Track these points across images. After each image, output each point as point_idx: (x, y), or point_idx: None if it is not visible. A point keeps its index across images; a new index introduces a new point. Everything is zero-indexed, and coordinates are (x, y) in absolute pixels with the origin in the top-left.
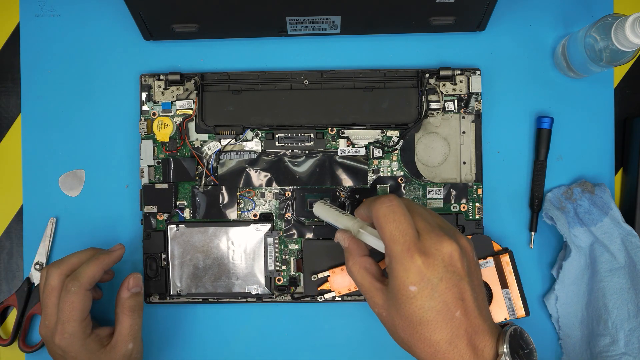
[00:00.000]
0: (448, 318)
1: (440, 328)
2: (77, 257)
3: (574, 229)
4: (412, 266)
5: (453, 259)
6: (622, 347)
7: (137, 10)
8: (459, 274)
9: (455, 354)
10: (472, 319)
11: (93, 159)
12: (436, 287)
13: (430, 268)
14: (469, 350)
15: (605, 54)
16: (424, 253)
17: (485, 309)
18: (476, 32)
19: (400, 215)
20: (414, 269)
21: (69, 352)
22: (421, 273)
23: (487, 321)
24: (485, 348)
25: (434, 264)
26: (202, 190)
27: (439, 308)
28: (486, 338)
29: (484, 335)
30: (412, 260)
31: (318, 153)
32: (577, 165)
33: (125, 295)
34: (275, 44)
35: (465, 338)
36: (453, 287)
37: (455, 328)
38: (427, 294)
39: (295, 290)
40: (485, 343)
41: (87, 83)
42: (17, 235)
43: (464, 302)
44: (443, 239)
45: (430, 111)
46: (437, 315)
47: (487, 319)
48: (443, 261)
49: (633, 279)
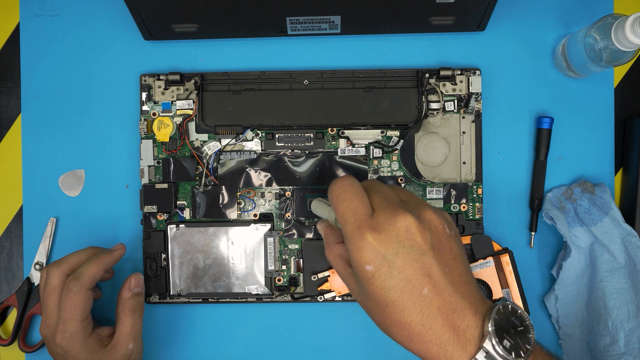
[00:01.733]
0: (415, 297)
1: (409, 308)
2: (77, 256)
3: (574, 229)
4: (364, 244)
5: (410, 232)
6: (622, 347)
7: (137, 10)
8: (419, 248)
9: (431, 335)
10: (446, 297)
11: (93, 159)
12: (393, 264)
13: (383, 244)
14: (447, 331)
15: (605, 54)
16: (375, 229)
17: (465, 284)
18: (476, 32)
19: (351, 193)
20: (367, 247)
21: (70, 351)
22: (374, 250)
23: (469, 298)
24: (467, 328)
25: (386, 240)
26: (202, 190)
27: (401, 286)
28: (468, 317)
29: (464, 314)
30: (362, 238)
31: (318, 153)
32: (577, 165)
33: (127, 295)
34: (275, 44)
35: (440, 317)
36: (414, 263)
37: (426, 307)
38: (385, 272)
39: (295, 290)
40: (467, 322)
41: (87, 83)
42: (17, 235)
43: (431, 278)
44: (397, 213)
45: (430, 111)
46: (401, 294)
47: (469, 296)
48: (398, 236)
49: (633, 279)
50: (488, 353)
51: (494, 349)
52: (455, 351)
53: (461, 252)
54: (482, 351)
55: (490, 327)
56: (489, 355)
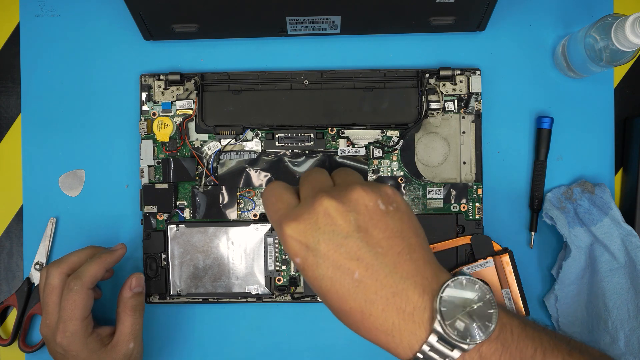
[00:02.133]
0: (347, 283)
1: (344, 296)
2: (77, 255)
3: (574, 229)
4: (286, 238)
5: (329, 216)
6: (622, 347)
7: (137, 10)
8: (341, 232)
9: (374, 322)
10: (382, 279)
11: (93, 159)
12: (317, 252)
13: (303, 234)
14: (392, 316)
15: (605, 54)
16: (293, 220)
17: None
18: (476, 32)
19: (271, 196)
20: (289, 240)
21: (70, 351)
22: (297, 241)
23: (413, 277)
24: (415, 310)
25: (305, 229)
26: (202, 190)
27: (330, 274)
28: (414, 298)
29: (407, 295)
30: (283, 232)
31: (318, 153)
32: (577, 165)
33: (128, 294)
34: (275, 44)
35: (380, 302)
36: (338, 248)
37: (361, 293)
38: (312, 261)
39: (295, 290)
40: (413, 305)
41: (87, 83)
42: (17, 235)
43: (360, 261)
44: (316, 199)
45: (430, 111)
46: (332, 283)
47: (413, 275)
48: (317, 223)
49: (633, 279)
50: (441, 336)
51: (444, 331)
52: (404, 337)
53: (402, 227)
54: (432, 335)
55: (438, 307)
56: (443, 339)
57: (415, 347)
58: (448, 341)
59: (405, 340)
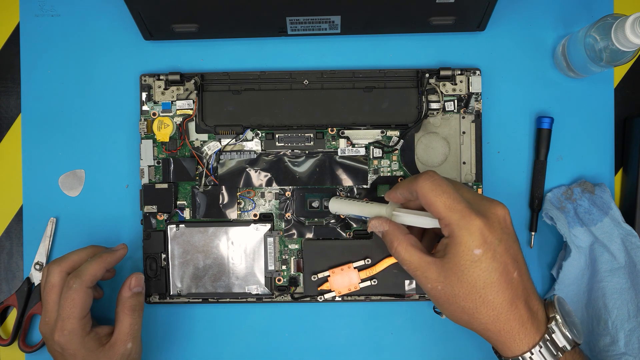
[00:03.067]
0: (509, 279)
1: (503, 289)
2: (77, 254)
3: (574, 229)
4: (475, 230)
5: (506, 221)
6: (622, 347)
7: (137, 10)
8: (512, 236)
9: (516, 314)
10: (525, 281)
11: (93, 159)
12: (497, 249)
13: (491, 230)
14: (527, 311)
15: (605, 54)
16: (483, 215)
17: None
18: (476, 32)
19: (447, 186)
20: (477, 233)
21: (68, 349)
22: (484, 236)
23: (533, 285)
24: (538, 311)
25: (492, 226)
26: (202, 190)
27: (501, 269)
28: (537, 300)
29: (535, 297)
30: (474, 223)
31: (318, 153)
32: (577, 165)
33: (127, 294)
34: (275, 44)
35: (523, 299)
36: (509, 249)
37: (514, 289)
38: (491, 255)
39: (295, 290)
40: (537, 305)
41: (87, 83)
42: (17, 235)
43: (518, 263)
44: (494, 203)
45: (430, 111)
46: (500, 277)
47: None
48: (500, 223)
49: (633, 279)
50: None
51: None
52: (532, 328)
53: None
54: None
55: (558, 314)
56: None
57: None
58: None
59: (532, 332)
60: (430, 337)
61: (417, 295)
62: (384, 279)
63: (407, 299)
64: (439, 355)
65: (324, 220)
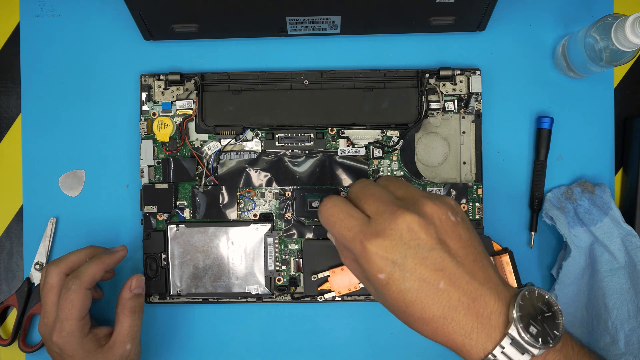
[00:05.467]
0: (432, 293)
1: (429, 305)
2: (76, 255)
3: (574, 229)
4: (371, 255)
5: (413, 232)
6: (622, 347)
7: (137, 10)
8: (425, 245)
9: (455, 326)
10: (463, 286)
11: (93, 159)
12: (404, 267)
13: (389, 250)
14: (471, 320)
15: (605, 54)
16: (377, 236)
17: (481, 270)
18: (476, 32)
19: (339, 212)
20: (374, 257)
21: (66, 350)
22: (382, 258)
23: (488, 284)
24: (492, 315)
25: (392, 245)
26: (202, 190)
27: (417, 286)
28: (490, 303)
29: (485, 301)
30: (366, 250)
31: (318, 153)
32: (577, 165)
33: (127, 295)
34: (275, 44)
35: (461, 308)
36: (424, 261)
37: (445, 300)
38: (398, 276)
39: (295, 290)
40: (490, 309)
41: (87, 83)
42: (17, 235)
43: (444, 271)
44: (396, 215)
45: (430, 111)
46: (418, 294)
47: (488, 282)
48: (402, 238)
49: (633, 279)
50: (514, 339)
51: (519, 335)
52: (480, 339)
53: (471, 236)
54: (507, 338)
55: (515, 313)
56: (515, 342)
57: (488, 349)
58: (520, 345)
59: (481, 342)
60: None
61: None
62: None
63: None
64: (439, 355)
65: None
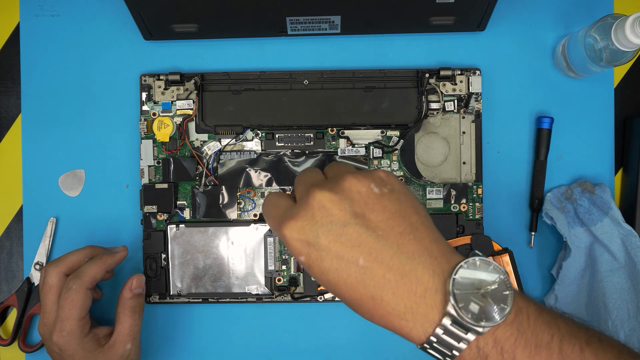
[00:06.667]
0: (353, 271)
1: (352, 285)
2: (75, 255)
3: (574, 229)
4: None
5: (324, 208)
6: None
7: (137, 10)
8: (338, 221)
9: (386, 307)
10: (387, 261)
11: (93, 159)
12: (319, 246)
13: (301, 231)
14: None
15: (605, 54)
16: (291, 219)
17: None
18: (476, 32)
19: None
20: (290, 241)
21: (66, 350)
22: (297, 240)
23: (420, 257)
24: (426, 292)
25: (303, 225)
26: (202, 190)
27: (335, 265)
28: (424, 279)
29: (417, 276)
30: (283, 234)
31: (318, 153)
32: (577, 165)
33: (128, 295)
34: (275, 44)
35: (389, 286)
36: (338, 237)
37: (369, 279)
38: (315, 256)
39: (295, 290)
40: (424, 286)
41: (87, 83)
42: (17, 235)
43: (362, 247)
44: (309, 195)
45: (430, 111)
46: (338, 274)
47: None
48: (313, 217)
49: (633, 279)
50: (454, 319)
51: (458, 314)
52: (417, 320)
53: (399, 207)
54: (446, 317)
55: (451, 288)
56: (457, 322)
57: (428, 330)
58: (462, 324)
59: (419, 324)
60: None
61: None
62: None
63: None
64: None
65: None
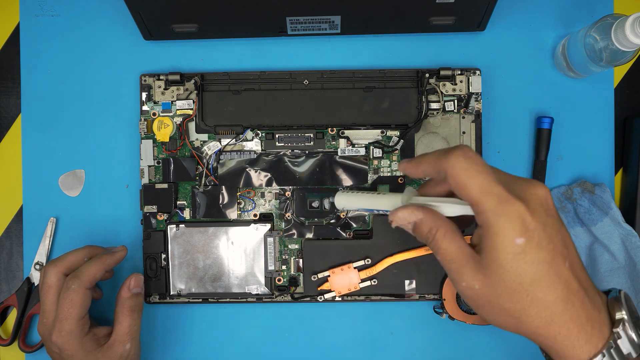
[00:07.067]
0: (560, 271)
1: (554, 284)
2: (74, 255)
3: (574, 229)
4: (515, 216)
5: (549, 202)
6: None
7: (137, 10)
8: (558, 220)
9: (573, 314)
10: (579, 272)
11: (93, 159)
12: (542, 235)
13: (533, 214)
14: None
15: (605, 54)
16: (522, 199)
17: None
18: (476, 32)
19: (483, 165)
20: (517, 219)
21: (66, 350)
22: (525, 222)
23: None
24: (600, 309)
25: (535, 210)
26: (202, 190)
27: (549, 259)
28: (596, 297)
29: (594, 293)
30: (513, 208)
31: (318, 153)
32: (577, 165)
33: (126, 295)
34: (275, 44)
35: (579, 295)
36: (557, 234)
37: (568, 282)
38: (536, 244)
39: (295, 290)
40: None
41: (87, 83)
42: (17, 235)
43: (569, 250)
44: (533, 183)
45: (430, 111)
46: (549, 269)
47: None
48: (542, 205)
49: (633, 279)
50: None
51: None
52: (593, 332)
53: None
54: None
55: (625, 313)
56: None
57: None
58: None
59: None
60: (430, 337)
61: (417, 295)
62: (384, 279)
63: (407, 299)
64: (439, 356)
65: (324, 220)
